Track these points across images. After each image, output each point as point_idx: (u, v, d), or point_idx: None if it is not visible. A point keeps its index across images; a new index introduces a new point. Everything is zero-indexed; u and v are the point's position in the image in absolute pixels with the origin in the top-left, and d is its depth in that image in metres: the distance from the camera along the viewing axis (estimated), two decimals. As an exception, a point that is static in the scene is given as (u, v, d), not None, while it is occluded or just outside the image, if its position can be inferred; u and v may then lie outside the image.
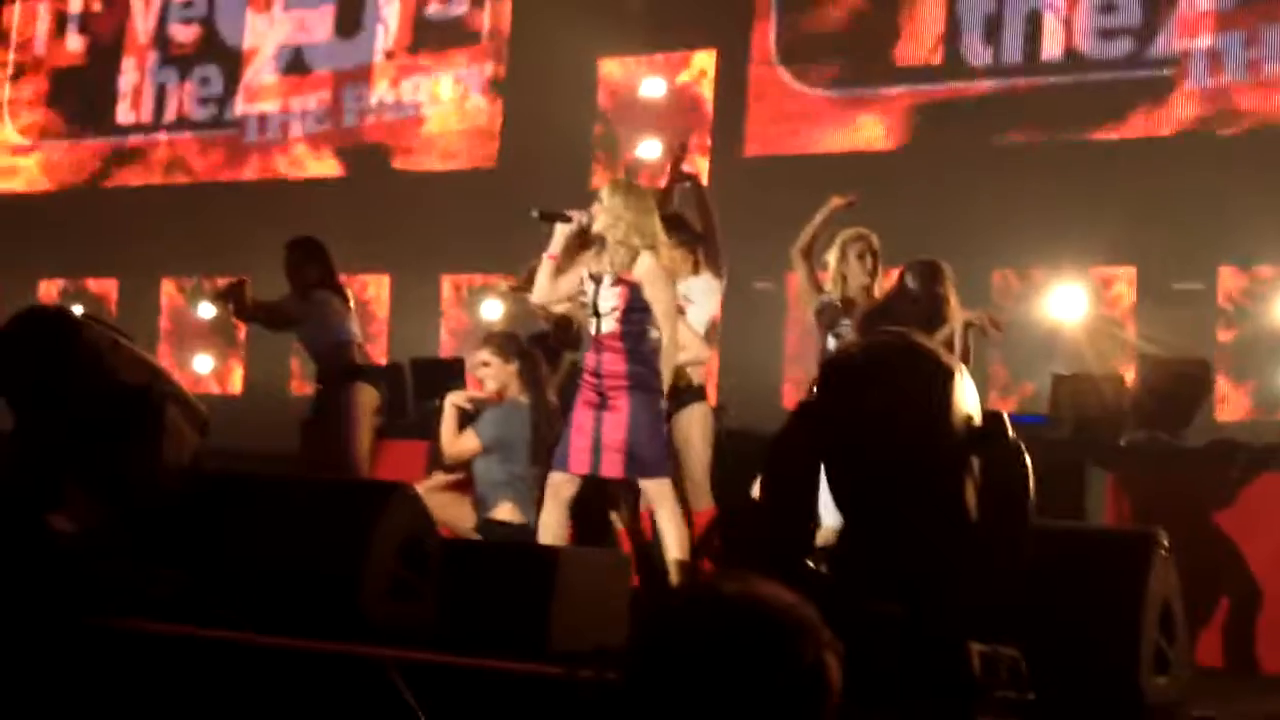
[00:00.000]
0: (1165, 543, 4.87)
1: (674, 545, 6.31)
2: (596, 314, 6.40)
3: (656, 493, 6.39)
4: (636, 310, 6.36)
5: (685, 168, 7.85)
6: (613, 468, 6.35)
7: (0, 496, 6.17)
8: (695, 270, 7.38)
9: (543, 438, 7.15)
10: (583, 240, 6.46)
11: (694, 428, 7.21)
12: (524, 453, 7.18)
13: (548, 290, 6.56)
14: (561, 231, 6.44)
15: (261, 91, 13.12)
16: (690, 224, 7.50)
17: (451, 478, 7.50)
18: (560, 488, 6.41)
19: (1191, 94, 10.16)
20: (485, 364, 7.35)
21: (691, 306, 7.32)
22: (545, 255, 6.49)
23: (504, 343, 7.48)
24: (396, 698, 4.41)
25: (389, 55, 12.72)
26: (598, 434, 6.34)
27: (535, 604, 5.06)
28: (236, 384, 12.72)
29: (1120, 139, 10.35)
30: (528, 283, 7.41)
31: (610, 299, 6.37)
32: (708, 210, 7.51)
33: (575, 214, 6.41)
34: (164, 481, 5.72)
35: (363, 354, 8.42)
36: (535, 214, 6.50)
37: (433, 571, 5.35)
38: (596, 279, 6.40)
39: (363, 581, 5.31)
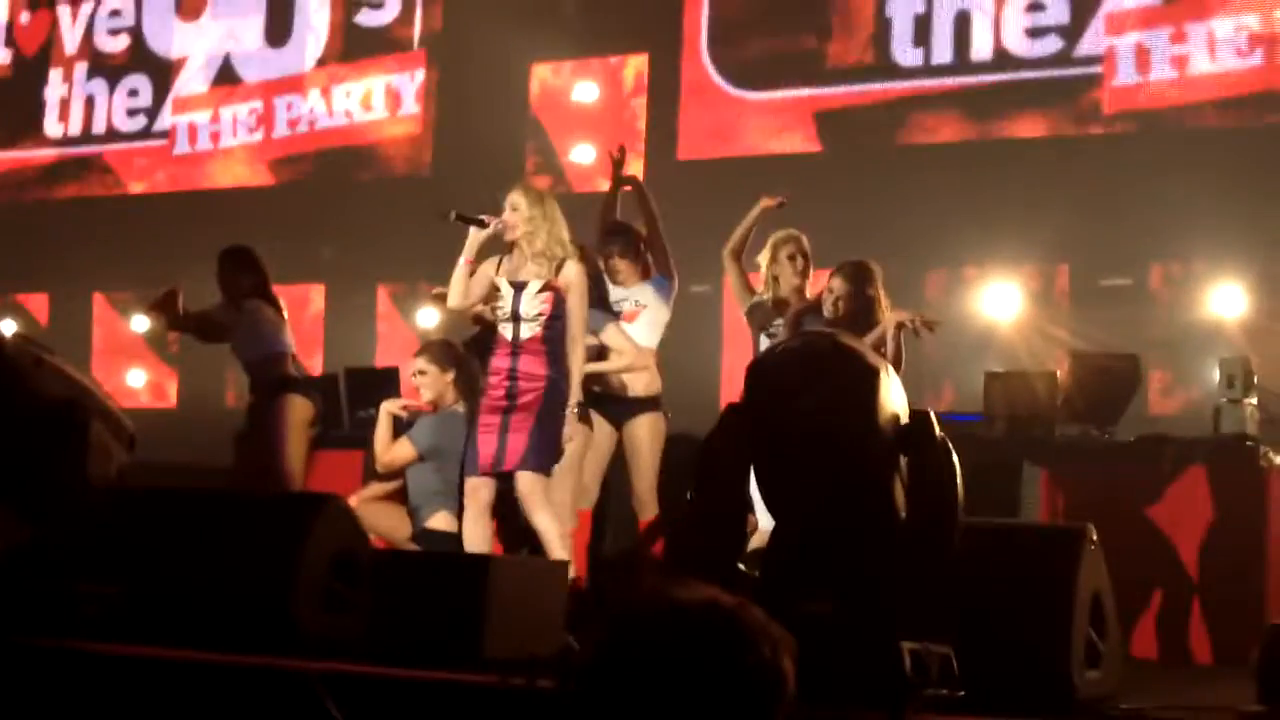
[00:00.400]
0: (1094, 537, 4.89)
1: (555, 547, 6.27)
2: (515, 319, 6.42)
3: (529, 487, 6.31)
4: (560, 317, 6.43)
5: (625, 173, 7.86)
6: (512, 460, 6.33)
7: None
8: (645, 275, 7.42)
9: (479, 446, 7.13)
10: (494, 245, 6.51)
11: (645, 437, 7.24)
12: (459, 461, 7.14)
13: (461, 294, 6.59)
14: (475, 236, 6.49)
15: (191, 102, 13.02)
16: (635, 231, 7.52)
17: (387, 488, 7.46)
18: (477, 491, 6.42)
19: (1119, 91, 10.25)
20: (422, 372, 7.32)
21: (645, 310, 7.36)
22: (461, 260, 6.53)
23: (440, 351, 7.45)
24: (326, 712, 4.38)
25: (320, 63, 12.65)
26: (504, 432, 6.35)
27: (467, 613, 5.04)
28: (171, 397, 12.62)
29: (1050, 136, 10.42)
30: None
31: (536, 305, 6.41)
32: (652, 213, 7.54)
33: (490, 219, 6.45)
34: (90, 498, 5.66)
35: (296, 365, 8.35)
36: (452, 216, 6.56)
37: (365, 582, 5.33)
38: (517, 285, 6.44)
39: (295, 594, 5.28)
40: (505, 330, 6.47)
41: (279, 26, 12.81)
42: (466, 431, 7.16)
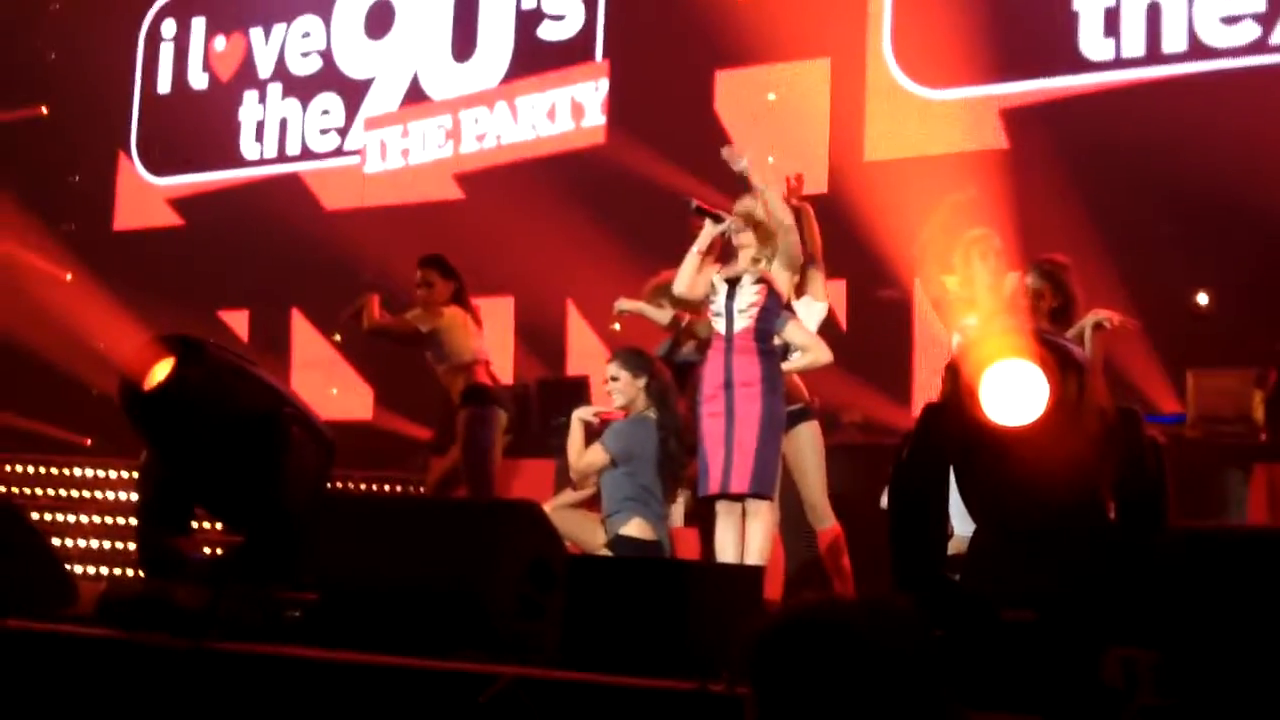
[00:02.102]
0: (1312, 540, 4.69)
1: (755, 554, 6.37)
2: (729, 314, 6.51)
3: (757, 507, 6.47)
4: (770, 310, 6.54)
5: (795, 201, 7.80)
6: (740, 483, 6.35)
7: (138, 522, 6.28)
8: (798, 295, 7.41)
9: (670, 452, 7.13)
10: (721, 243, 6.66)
11: (806, 450, 7.17)
12: (652, 467, 7.15)
13: (689, 283, 6.72)
14: (710, 230, 6.69)
15: (382, 119, 13.26)
16: None
17: (580, 495, 7.49)
18: (732, 511, 6.50)
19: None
20: (614, 378, 7.34)
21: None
22: (694, 250, 6.68)
23: (632, 357, 7.45)
24: (524, 717, 4.39)
25: (505, 78, 12.79)
26: (729, 449, 6.38)
27: (665, 619, 5.01)
28: (368, 409, 12.83)
29: (1246, 128, 10.08)
30: (661, 293, 7.47)
31: (750, 295, 6.55)
32: (814, 238, 7.50)
33: (727, 216, 6.66)
34: (291, 505, 5.77)
35: (490, 374, 8.44)
36: (693, 206, 6.79)
37: (561, 589, 5.33)
38: (732, 281, 6.57)
39: (491, 600, 5.30)
40: (718, 325, 6.60)
41: (464, 42, 12.98)
42: (658, 437, 7.17)
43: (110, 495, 10.80)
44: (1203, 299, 9.37)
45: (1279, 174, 9.58)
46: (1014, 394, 4.36)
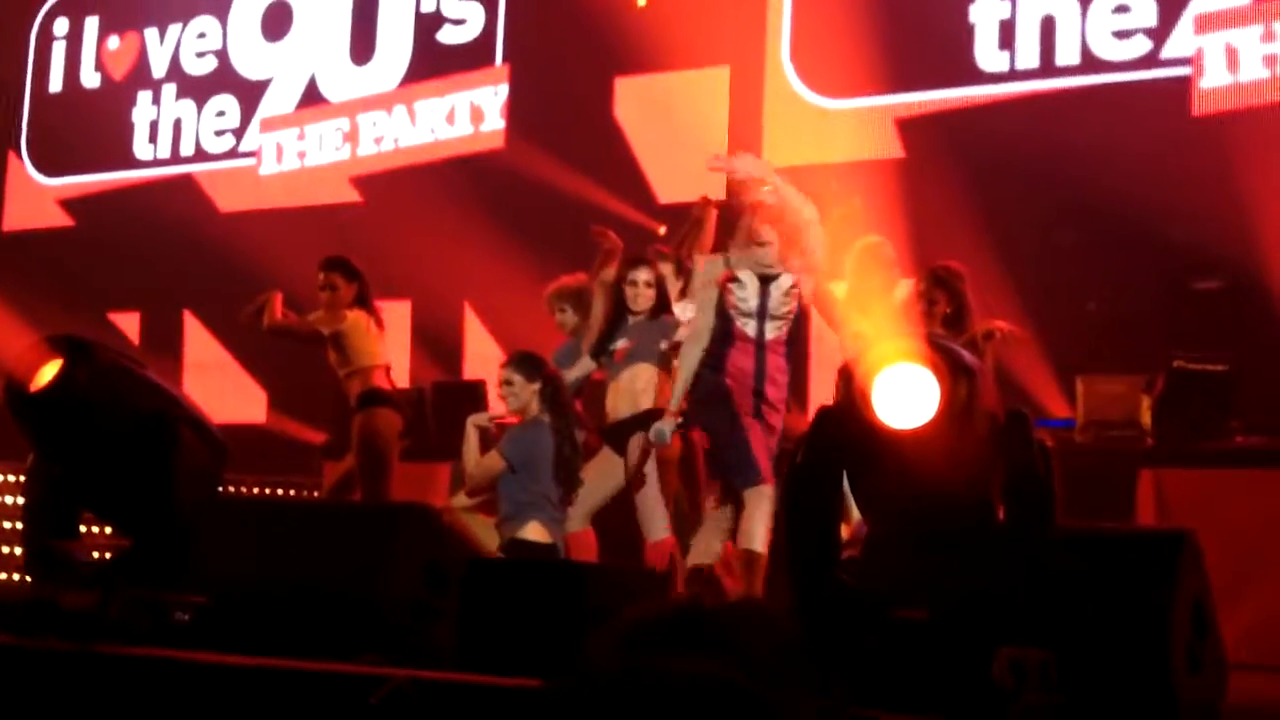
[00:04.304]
0: (1195, 542, 4.79)
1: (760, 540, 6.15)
2: (762, 316, 6.21)
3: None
4: (800, 317, 6.25)
5: (703, 213, 7.80)
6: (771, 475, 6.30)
7: (24, 526, 6.19)
8: (681, 297, 7.43)
9: (565, 456, 7.12)
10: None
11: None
12: (548, 471, 7.14)
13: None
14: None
15: (278, 121, 13.14)
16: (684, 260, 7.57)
17: (474, 501, 7.47)
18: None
19: (1208, 92, 10.09)
20: (508, 382, 7.33)
21: (682, 326, 7.35)
22: None
23: (525, 361, 7.45)
24: (416, 717, 4.38)
25: (404, 81, 12.73)
26: (768, 448, 6.26)
27: (561, 622, 5.01)
28: (261, 412, 12.71)
29: (1137, 140, 10.27)
30: (562, 298, 7.45)
31: (788, 302, 6.22)
32: (709, 239, 7.52)
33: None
34: (181, 508, 5.71)
35: (388, 378, 8.39)
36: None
37: (454, 591, 5.32)
38: (766, 279, 6.21)
39: (385, 602, 5.28)
40: (746, 326, 6.21)
41: (363, 45, 12.90)
42: (553, 442, 7.16)
43: (-5, 499, 10.62)
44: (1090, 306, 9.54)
45: (1168, 184, 9.76)
46: (906, 397, 4.40)
